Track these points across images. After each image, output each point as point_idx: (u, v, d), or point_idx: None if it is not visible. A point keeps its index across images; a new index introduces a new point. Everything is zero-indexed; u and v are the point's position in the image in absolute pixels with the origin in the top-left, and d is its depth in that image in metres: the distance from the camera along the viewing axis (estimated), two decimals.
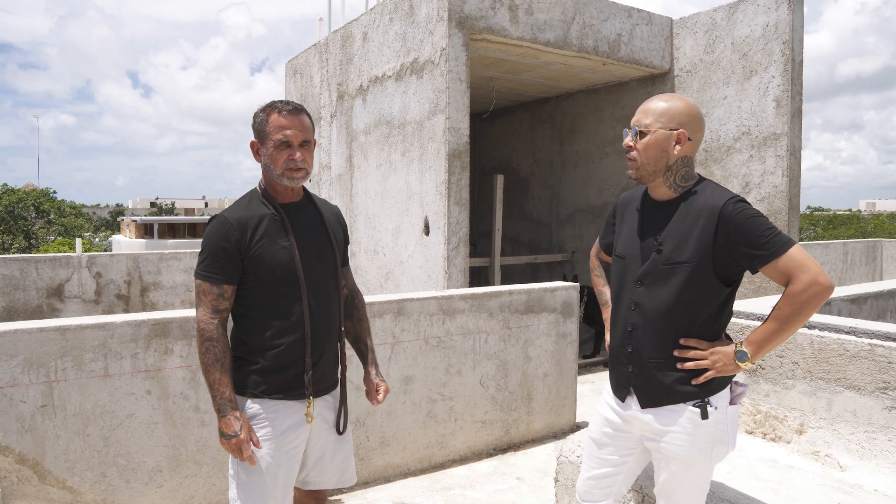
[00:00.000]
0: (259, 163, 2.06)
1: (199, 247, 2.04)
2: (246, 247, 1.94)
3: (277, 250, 1.97)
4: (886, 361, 2.65)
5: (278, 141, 1.97)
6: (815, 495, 2.48)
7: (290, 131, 1.98)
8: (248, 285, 1.98)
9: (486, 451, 4.20)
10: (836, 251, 12.28)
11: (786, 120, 5.91)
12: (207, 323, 1.94)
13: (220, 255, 1.93)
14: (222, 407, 1.92)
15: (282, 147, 1.98)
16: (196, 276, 1.98)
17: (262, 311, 1.99)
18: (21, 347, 2.74)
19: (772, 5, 5.94)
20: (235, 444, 1.91)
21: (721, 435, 1.87)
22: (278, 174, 1.99)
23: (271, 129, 1.99)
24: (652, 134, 1.87)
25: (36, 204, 29.94)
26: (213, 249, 1.94)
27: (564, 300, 4.52)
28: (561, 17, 6.03)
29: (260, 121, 2.01)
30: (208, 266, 1.94)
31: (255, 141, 2.04)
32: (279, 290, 1.98)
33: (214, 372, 1.92)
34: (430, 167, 5.64)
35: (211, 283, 1.94)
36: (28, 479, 2.77)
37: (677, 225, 1.86)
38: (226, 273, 1.94)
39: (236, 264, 1.94)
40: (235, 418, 1.92)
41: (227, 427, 1.91)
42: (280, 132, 1.97)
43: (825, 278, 1.71)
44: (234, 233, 1.93)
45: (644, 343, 1.90)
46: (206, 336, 1.93)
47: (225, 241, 1.93)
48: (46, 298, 8.35)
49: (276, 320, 1.98)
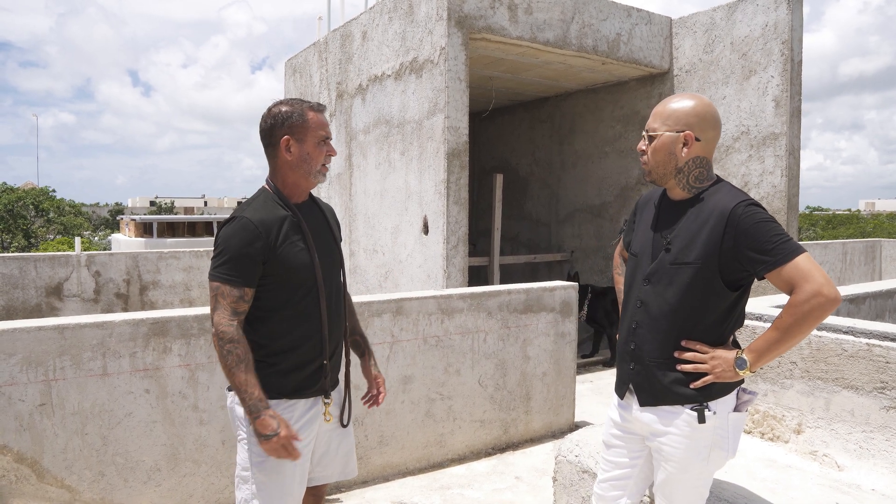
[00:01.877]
0: (287, 159, 1.98)
1: (209, 241, 2.00)
2: (270, 250, 1.91)
3: (298, 252, 1.96)
4: (884, 361, 2.65)
5: (321, 138, 1.99)
6: (812, 495, 2.48)
7: (328, 128, 2.02)
8: (267, 287, 1.95)
9: (485, 451, 4.20)
10: (835, 251, 12.28)
11: (785, 120, 5.91)
12: (227, 325, 1.87)
13: (244, 259, 1.88)
14: (254, 408, 1.85)
15: (322, 144, 1.99)
16: (213, 278, 1.90)
17: (282, 313, 1.96)
18: (19, 346, 2.74)
19: (771, 5, 5.94)
20: (278, 442, 1.84)
21: (721, 441, 1.85)
22: (315, 171, 1.99)
23: (313, 125, 1.98)
24: (659, 138, 1.87)
25: (35, 203, 29.93)
26: (237, 253, 1.88)
27: (563, 300, 4.52)
28: (560, 17, 6.03)
29: (297, 116, 1.97)
30: (230, 269, 1.88)
31: (290, 137, 1.97)
32: (299, 292, 1.97)
33: (240, 373, 1.85)
34: (429, 166, 5.64)
35: (232, 286, 1.88)
36: (26, 478, 2.77)
37: (687, 225, 1.84)
38: (248, 276, 1.90)
39: (258, 267, 1.91)
40: (271, 416, 1.85)
41: (264, 427, 1.84)
42: (322, 129, 1.99)
43: (831, 290, 1.65)
44: (261, 235, 1.89)
45: (646, 341, 1.89)
46: (226, 338, 1.86)
47: (249, 246, 1.88)
48: (45, 297, 8.35)
49: (297, 321, 1.97)
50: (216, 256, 1.92)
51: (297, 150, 1.98)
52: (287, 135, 1.98)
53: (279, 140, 1.98)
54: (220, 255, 1.91)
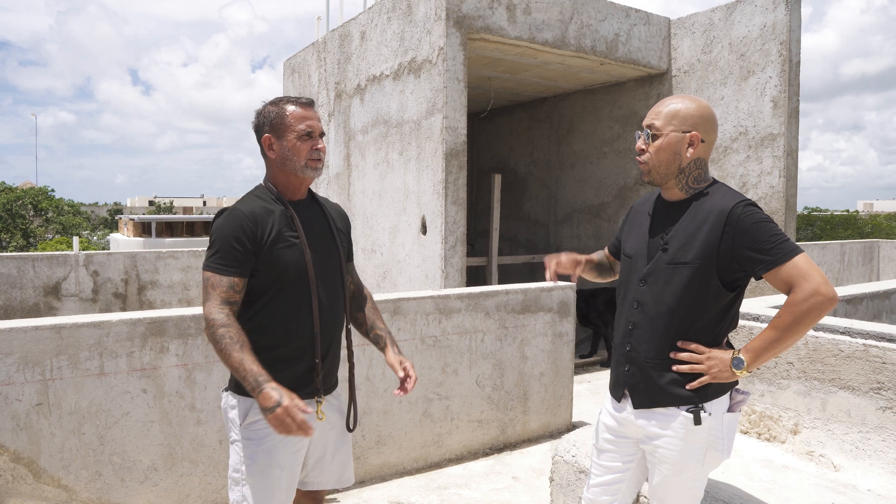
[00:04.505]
0: (271, 158, 1.99)
1: (207, 241, 1.99)
2: (260, 242, 1.90)
3: (289, 249, 1.94)
4: (880, 362, 2.65)
5: (302, 131, 1.96)
6: (809, 495, 2.49)
7: (312, 122, 1.97)
8: (259, 283, 1.94)
9: (483, 451, 4.20)
10: (834, 252, 12.30)
11: (783, 120, 5.92)
12: (217, 313, 1.83)
13: (235, 248, 1.87)
14: (255, 383, 1.74)
15: (305, 138, 1.96)
16: (206, 268, 1.89)
17: (272, 310, 1.95)
18: (16, 346, 2.74)
19: (769, 6, 5.95)
20: (283, 412, 1.70)
21: (716, 442, 1.84)
22: (301, 166, 1.97)
23: (292, 119, 1.96)
24: (664, 136, 1.85)
25: (34, 202, 29.91)
26: (226, 242, 1.87)
27: (561, 300, 4.52)
28: (559, 17, 6.04)
29: (275, 114, 1.97)
30: (220, 258, 1.87)
31: (270, 135, 1.98)
32: (289, 289, 1.95)
33: (234, 353, 1.78)
34: (427, 166, 5.64)
35: (222, 276, 1.86)
36: (23, 478, 2.77)
37: (685, 225, 1.84)
38: (239, 266, 1.88)
39: (249, 258, 1.89)
40: (272, 388, 1.73)
41: (266, 400, 1.72)
42: (303, 122, 1.96)
43: (828, 289, 1.66)
44: (249, 225, 1.89)
45: (642, 342, 1.89)
46: (218, 324, 1.81)
47: (239, 233, 1.87)
48: (43, 297, 8.35)
49: (287, 319, 1.96)
50: (209, 248, 1.92)
51: (277, 147, 1.98)
52: (268, 133, 1.99)
53: (264, 139, 2.00)
54: (212, 246, 1.91)
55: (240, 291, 1.90)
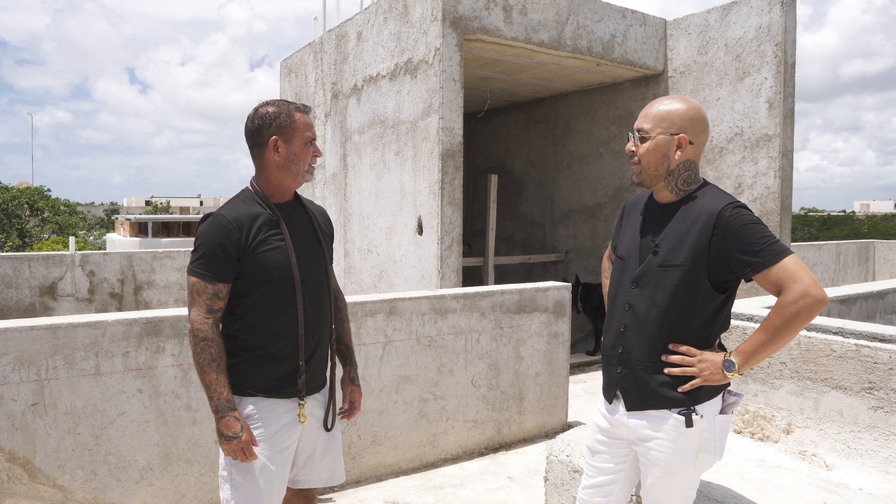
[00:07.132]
0: (275, 159, 2.00)
1: (193, 244, 2.03)
2: (244, 247, 1.93)
3: (274, 251, 1.97)
4: (872, 362, 2.67)
5: (307, 139, 2.02)
6: (801, 494, 2.50)
7: (313, 130, 2.06)
8: (244, 285, 1.97)
9: (478, 451, 4.21)
10: (829, 252, 12.34)
11: (778, 121, 5.94)
12: (202, 323, 1.91)
13: (218, 254, 1.91)
14: (220, 407, 1.89)
15: (308, 146, 2.02)
16: (190, 272, 1.94)
17: (257, 311, 1.98)
18: (12, 346, 2.74)
19: (765, 7, 5.97)
20: (237, 445, 1.89)
21: (707, 444, 1.85)
22: (303, 171, 2.03)
23: (300, 125, 2.01)
24: (652, 139, 1.86)
25: (30, 202, 29.84)
26: (210, 247, 1.91)
27: (556, 300, 4.54)
28: (555, 18, 6.05)
29: (285, 117, 1.99)
30: (204, 264, 1.91)
31: (278, 137, 1.99)
32: (275, 291, 1.98)
33: (211, 372, 1.89)
34: (423, 167, 5.65)
35: (206, 282, 1.91)
36: (18, 478, 2.78)
37: (675, 227, 1.85)
38: (222, 272, 1.92)
39: (233, 263, 1.93)
40: (235, 419, 1.89)
41: (227, 428, 1.89)
42: (309, 130, 2.03)
43: (818, 290, 1.66)
44: (233, 231, 1.92)
45: (634, 344, 1.89)
46: (200, 336, 1.90)
47: (223, 239, 1.91)
48: (39, 297, 8.33)
49: (271, 320, 1.98)
50: (193, 252, 1.97)
51: (284, 150, 2.00)
52: (275, 135, 2.00)
53: (267, 140, 2.00)
54: (196, 251, 1.95)
55: (224, 297, 1.95)
